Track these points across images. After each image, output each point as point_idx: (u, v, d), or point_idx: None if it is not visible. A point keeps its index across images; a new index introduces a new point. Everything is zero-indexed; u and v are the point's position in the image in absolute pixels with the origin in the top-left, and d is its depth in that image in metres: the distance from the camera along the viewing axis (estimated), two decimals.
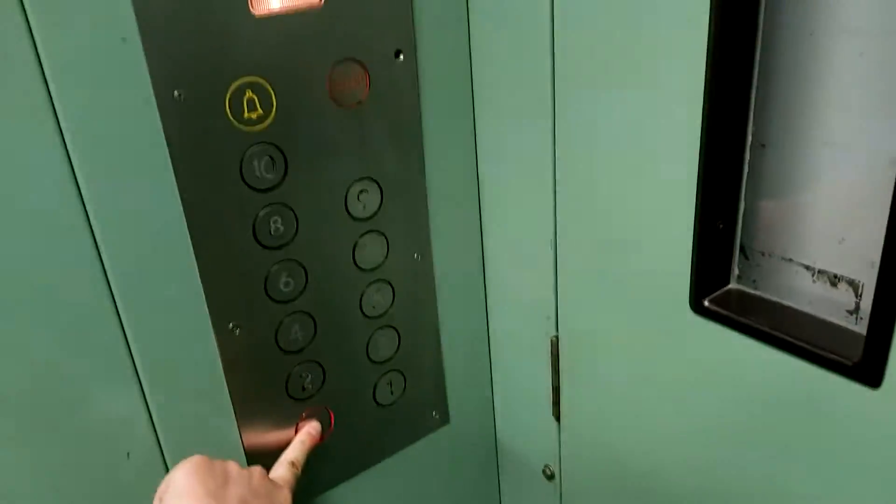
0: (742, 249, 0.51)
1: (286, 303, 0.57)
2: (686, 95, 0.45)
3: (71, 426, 0.49)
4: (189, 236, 0.50)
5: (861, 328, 0.44)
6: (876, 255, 0.39)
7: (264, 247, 0.55)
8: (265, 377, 0.58)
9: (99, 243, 0.47)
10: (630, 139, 0.51)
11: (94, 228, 0.46)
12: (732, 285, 0.51)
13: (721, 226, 0.49)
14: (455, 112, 0.63)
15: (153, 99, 0.46)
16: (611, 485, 0.66)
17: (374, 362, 0.65)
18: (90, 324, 0.48)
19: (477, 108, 0.64)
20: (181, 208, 0.50)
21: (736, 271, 0.51)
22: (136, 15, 0.44)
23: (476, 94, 0.63)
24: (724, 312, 0.49)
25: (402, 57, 0.57)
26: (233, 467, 0.50)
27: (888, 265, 0.38)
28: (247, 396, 0.57)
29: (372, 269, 0.62)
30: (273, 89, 0.51)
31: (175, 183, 0.49)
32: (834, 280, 0.46)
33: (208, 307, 0.53)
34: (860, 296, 0.45)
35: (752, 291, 0.51)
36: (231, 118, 0.50)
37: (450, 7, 0.59)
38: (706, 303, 0.50)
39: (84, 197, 0.45)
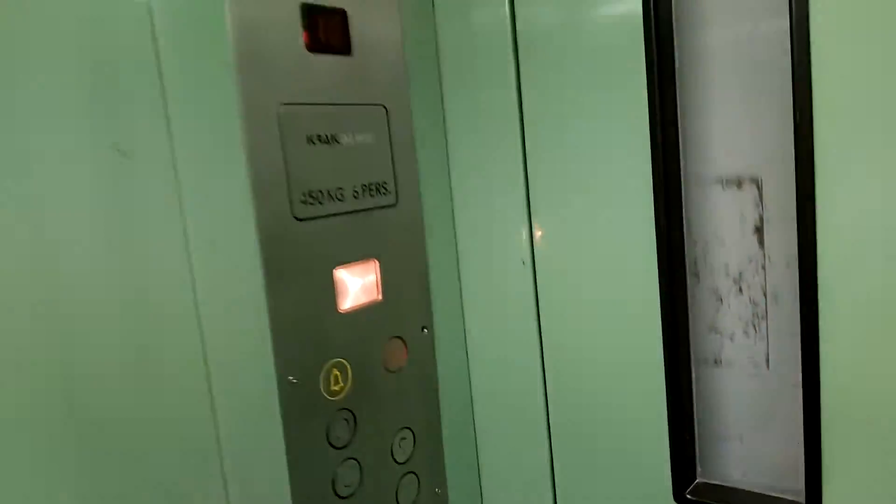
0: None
1: None
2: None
3: None
4: (291, 498, 0.60)
5: None
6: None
7: (340, 497, 0.65)
8: None
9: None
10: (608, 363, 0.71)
11: (227, 484, 0.56)
12: (700, 479, 0.70)
13: (687, 437, 0.69)
14: (454, 367, 0.80)
15: (276, 386, 0.59)
16: None
17: None
18: None
19: (470, 364, 0.82)
20: (287, 472, 0.60)
21: (699, 468, 0.70)
22: (271, 327, 0.59)
23: (469, 350, 0.82)
24: (701, 500, 0.67)
25: (426, 331, 0.75)
26: None
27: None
28: None
29: None
30: (350, 365, 0.66)
31: (285, 450, 0.60)
32: None
33: None
34: None
35: (715, 482, 0.70)
36: (323, 392, 0.63)
37: (450, 294, 0.79)
38: (687, 495, 0.68)
39: (221, 445, 0.55)
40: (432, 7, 0.76)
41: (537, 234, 0.74)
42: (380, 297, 0.69)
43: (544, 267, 0.74)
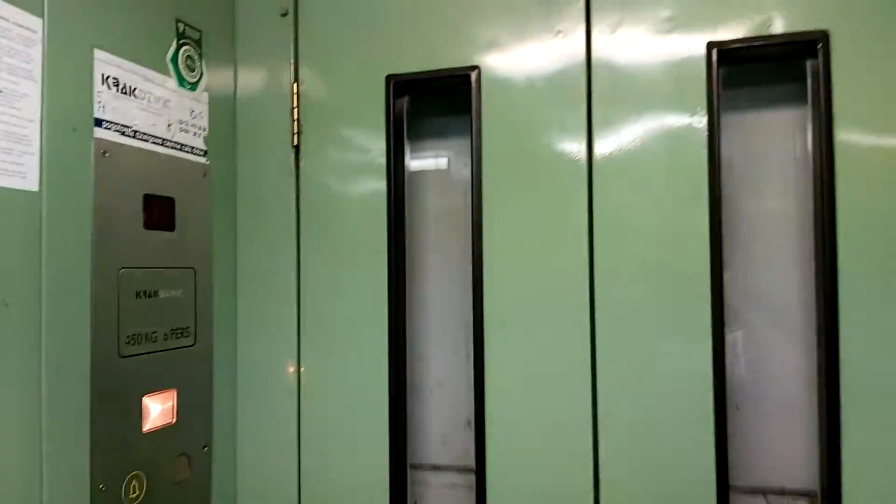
0: None
1: None
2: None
3: None
4: None
5: None
6: None
7: None
8: None
9: None
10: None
11: None
12: None
13: None
14: (225, 479, 0.98)
15: (89, 492, 0.73)
16: None
17: None
18: None
19: (238, 476, 1.00)
20: None
21: None
22: (91, 442, 0.73)
23: (237, 464, 1.00)
24: None
25: (206, 449, 0.92)
26: None
27: None
28: None
29: None
30: (146, 477, 0.81)
31: None
32: None
33: None
34: None
35: None
36: (123, 499, 0.77)
37: (228, 418, 0.98)
38: None
39: None
40: (234, 190, 1.00)
41: (303, 369, 0.97)
42: (174, 420, 0.86)
43: (307, 396, 0.97)
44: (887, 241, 0.74)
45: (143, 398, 0.81)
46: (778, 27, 0.78)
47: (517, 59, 0.88)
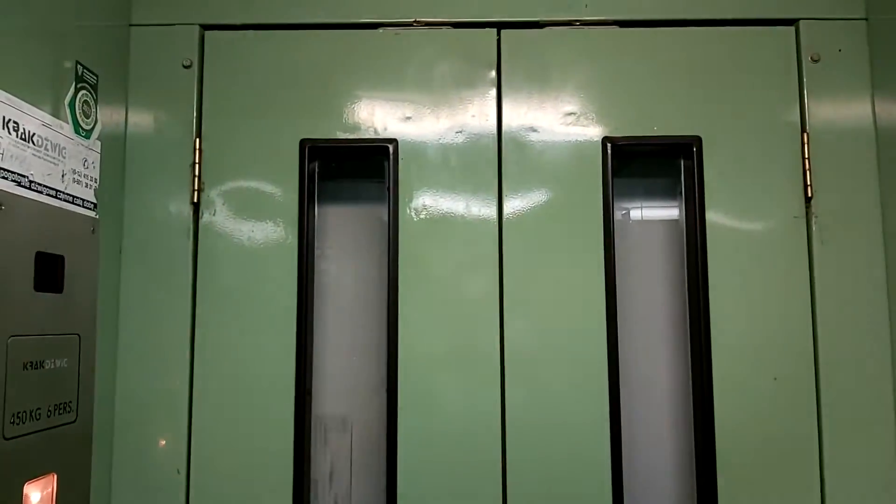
0: None
1: None
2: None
3: None
4: None
5: None
6: None
7: None
8: None
9: None
10: None
11: None
12: None
13: None
14: None
15: None
16: None
17: None
18: None
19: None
20: None
21: None
22: None
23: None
24: None
25: None
26: None
27: None
28: None
29: None
30: None
31: None
32: None
33: None
34: None
35: None
36: None
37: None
38: None
39: None
40: (120, 247, 0.92)
41: (194, 445, 0.90)
42: None
43: (198, 475, 0.90)
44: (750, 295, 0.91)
45: (25, 486, 0.70)
46: (661, 130, 0.91)
47: (433, 135, 0.93)
